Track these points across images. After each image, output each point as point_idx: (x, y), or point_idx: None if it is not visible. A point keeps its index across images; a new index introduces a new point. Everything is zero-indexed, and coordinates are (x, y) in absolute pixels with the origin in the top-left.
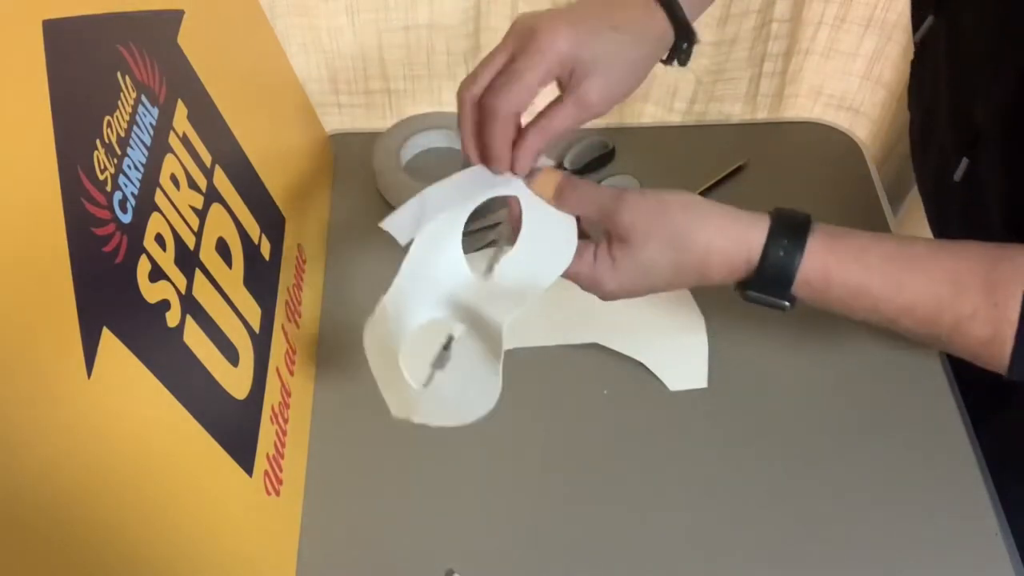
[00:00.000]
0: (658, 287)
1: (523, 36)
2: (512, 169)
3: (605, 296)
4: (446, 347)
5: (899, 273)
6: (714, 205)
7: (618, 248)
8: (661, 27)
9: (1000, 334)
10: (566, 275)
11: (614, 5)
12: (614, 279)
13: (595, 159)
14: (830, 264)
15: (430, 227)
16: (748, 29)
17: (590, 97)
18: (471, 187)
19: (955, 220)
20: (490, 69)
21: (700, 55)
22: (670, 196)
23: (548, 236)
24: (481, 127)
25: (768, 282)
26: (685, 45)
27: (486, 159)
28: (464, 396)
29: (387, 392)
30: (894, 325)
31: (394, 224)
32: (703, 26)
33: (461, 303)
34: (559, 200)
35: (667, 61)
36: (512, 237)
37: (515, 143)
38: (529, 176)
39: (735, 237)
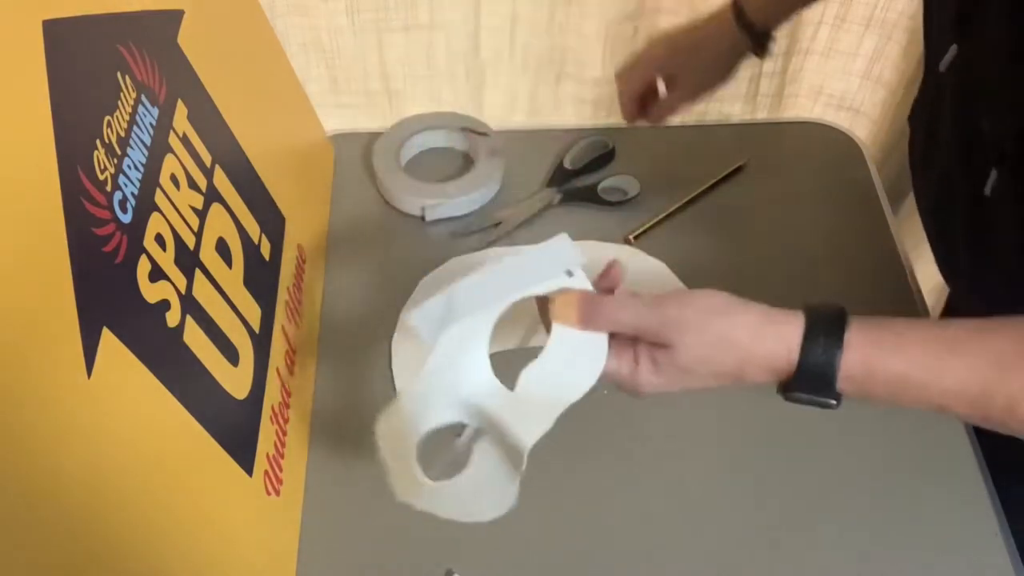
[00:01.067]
0: (694, 388)
1: (637, 53)
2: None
3: (641, 395)
4: (458, 435)
5: (941, 359)
6: (748, 306)
7: (661, 353)
8: (737, 47)
9: None
10: (605, 377)
11: (701, 29)
12: (655, 382)
13: (595, 159)
14: (871, 357)
15: (457, 328)
16: None
17: (679, 98)
18: (500, 286)
19: (961, 239)
20: (624, 64)
21: None
22: (708, 302)
23: (577, 344)
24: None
25: (811, 381)
26: (764, 46)
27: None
28: (476, 498)
29: (394, 475)
30: (946, 411)
31: (420, 320)
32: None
33: (485, 412)
34: (585, 325)
35: (755, 55)
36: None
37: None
38: (547, 305)
39: (772, 340)
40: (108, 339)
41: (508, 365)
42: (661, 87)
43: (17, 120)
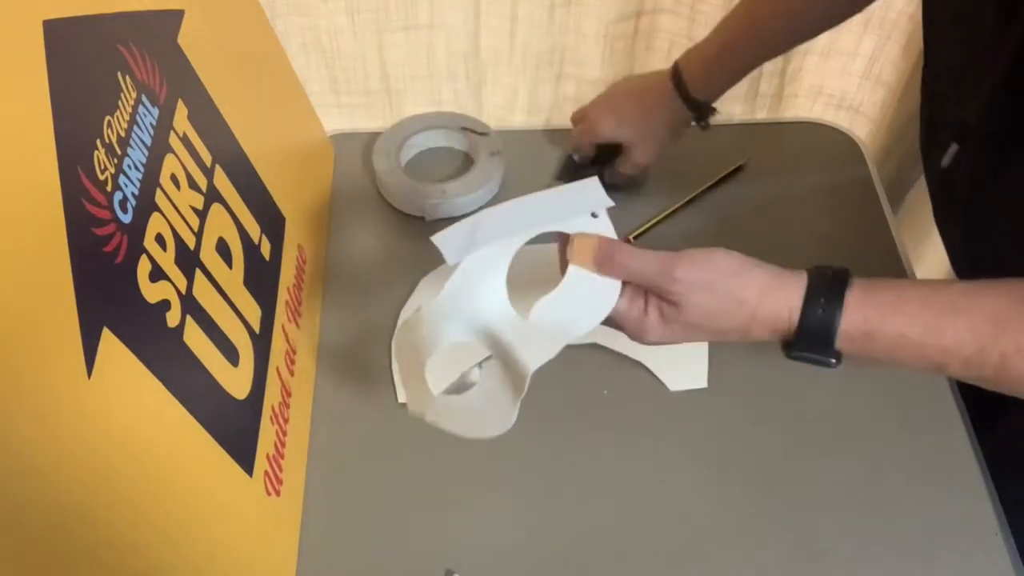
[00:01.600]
0: (698, 341)
1: (582, 113)
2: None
3: (646, 342)
4: (469, 372)
5: (939, 318)
6: (757, 266)
7: (669, 308)
8: (682, 113)
9: None
10: (614, 317)
11: (646, 93)
12: (660, 332)
13: (602, 151)
14: (870, 317)
15: (479, 254)
16: None
17: (637, 160)
18: (525, 218)
19: (960, 214)
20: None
21: None
22: (719, 263)
23: (590, 284)
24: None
25: (810, 340)
26: (705, 118)
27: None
28: (479, 414)
29: (407, 388)
30: (942, 370)
31: (445, 241)
32: (702, 25)
33: (495, 336)
34: (600, 270)
35: (697, 125)
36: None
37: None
38: (567, 244)
39: (776, 301)
40: (108, 339)
41: (524, 297)
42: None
43: (17, 120)
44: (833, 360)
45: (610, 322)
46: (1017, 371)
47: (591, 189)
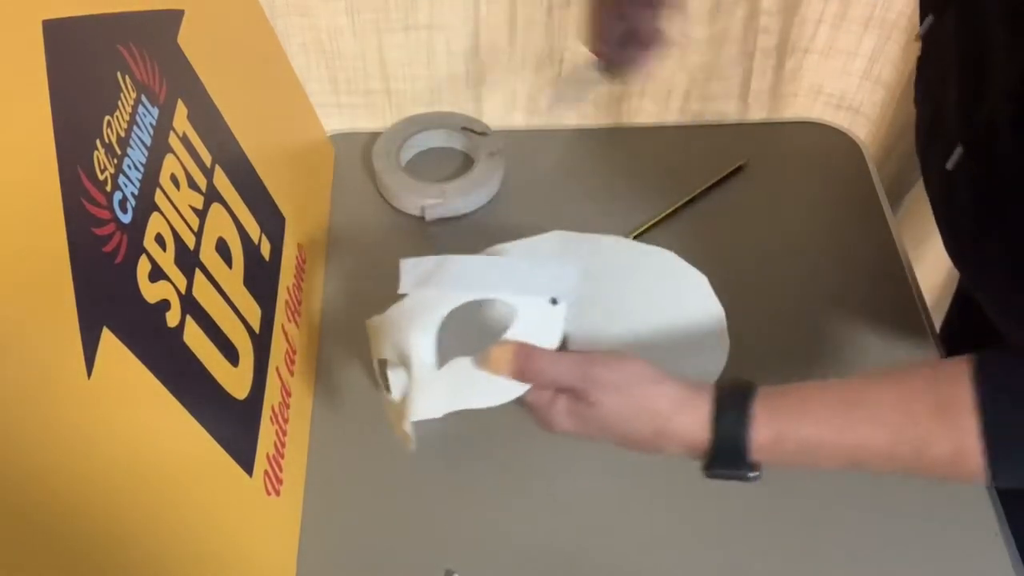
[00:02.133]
0: (603, 441)
1: None
2: None
3: (550, 431)
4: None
5: (845, 415)
6: (672, 382)
7: (582, 405)
8: None
9: (964, 447)
10: (525, 400)
11: None
12: (567, 425)
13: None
14: (779, 425)
15: (425, 294)
16: (738, 25)
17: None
18: (488, 278)
19: (964, 214)
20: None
21: (691, 52)
22: (637, 369)
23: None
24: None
25: (725, 457)
26: None
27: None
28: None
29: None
30: (860, 467)
31: (409, 267)
32: (692, 21)
33: (409, 368)
34: (519, 378)
35: None
36: None
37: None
38: (483, 355)
39: (688, 416)
40: (108, 339)
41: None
42: None
43: (17, 120)
44: (751, 474)
45: (520, 401)
46: (933, 457)
47: (567, 276)
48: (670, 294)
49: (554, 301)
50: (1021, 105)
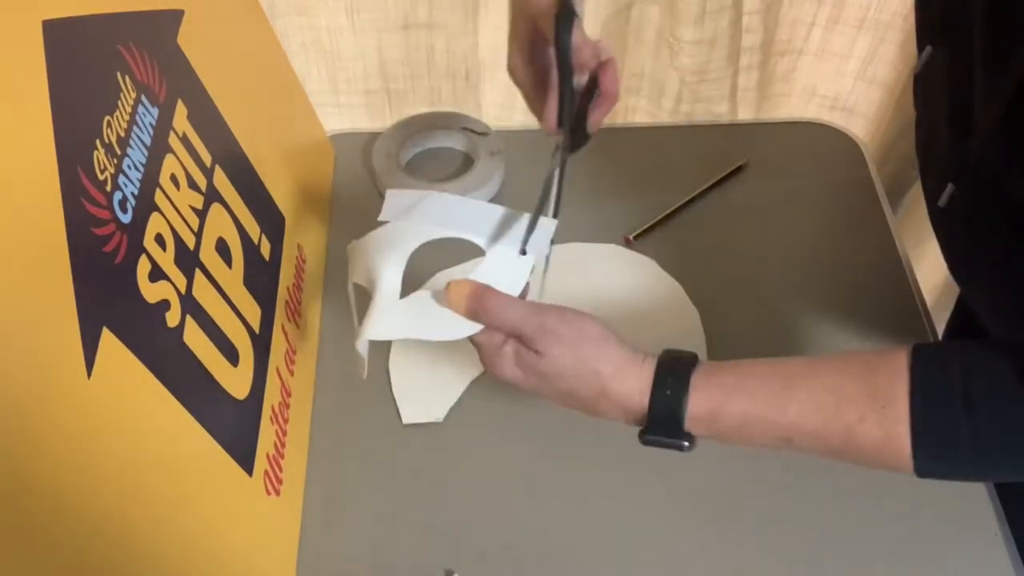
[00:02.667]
0: (544, 397)
1: None
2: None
3: (495, 376)
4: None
5: (781, 393)
6: (618, 346)
7: (527, 353)
8: None
9: (893, 434)
10: (473, 339)
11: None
12: (511, 372)
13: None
14: (714, 397)
15: (400, 225)
16: (724, 26)
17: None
18: (465, 220)
19: (960, 245)
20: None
21: (681, 54)
22: (588, 327)
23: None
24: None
25: (661, 424)
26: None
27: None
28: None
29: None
30: (790, 445)
31: (393, 197)
32: (682, 24)
33: (374, 292)
34: (472, 316)
35: None
36: None
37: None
38: (445, 290)
39: (629, 381)
40: (108, 339)
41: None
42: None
43: (17, 120)
44: (685, 443)
45: (471, 340)
46: (863, 441)
47: (544, 230)
48: (648, 297)
49: (523, 252)
50: (1007, 143)
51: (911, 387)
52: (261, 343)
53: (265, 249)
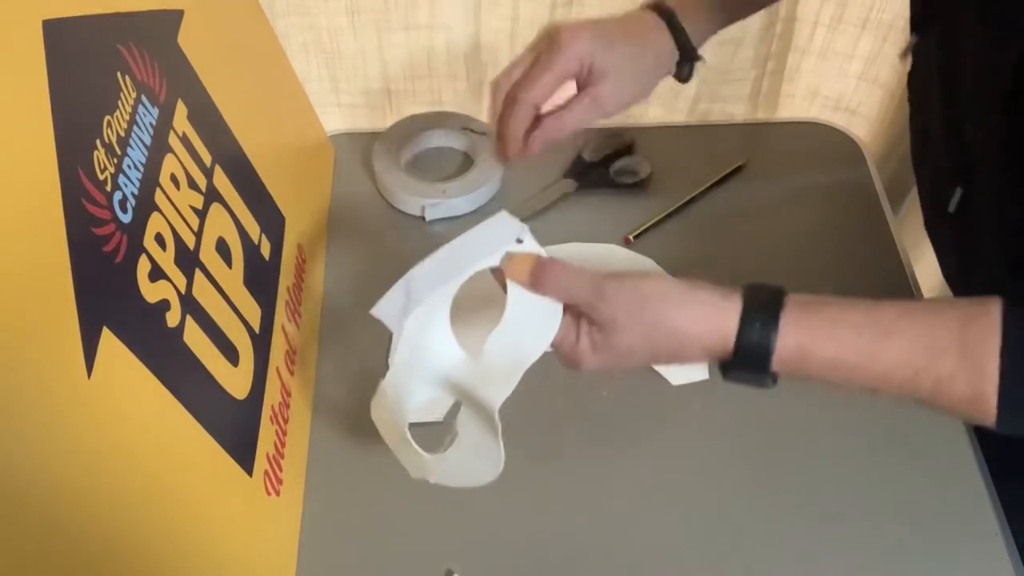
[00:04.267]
0: (633, 368)
1: (549, 37)
2: (528, 151)
3: (579, 371)
4: (453, 425)
5: (873, 343)
6: (689, 291)
7: (597, 333)
8: (668, 46)
9: (982, 392)
10: (553, 345)
11: (628, 21)
12: (592, 360)
13: (613, 152)
14: (803, 341)
15: (418, 312)
16: (755, 30)
17: (603, 96)
18: (454, 264)
19: (951, 248)
20: (520, 66)
21: (704, 53)
22: (647, 287)
23: (533, 310)
24: (503, 113)
25: (746, 363)
26: (688, 65)
27: (503, 143)
28: (473, 464)
29: (400, 455)
30: (875, 392)
31: (383, 311)
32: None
33: (456, 384)
34: (534, 287)
35: (676, 77)
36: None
37: (530, 129)
38: (506, 261)
39: (710, 325)
40: (108, 339)
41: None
42: (571, 86)
43: (17, 120)
44: (770, 381)
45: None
46: (951, 396)
47: (503, 221)
48: None
49: (519, 240)
50: (1007, 154)
51: (1003, 345)
52: (261, 343)
53: (265, 249)
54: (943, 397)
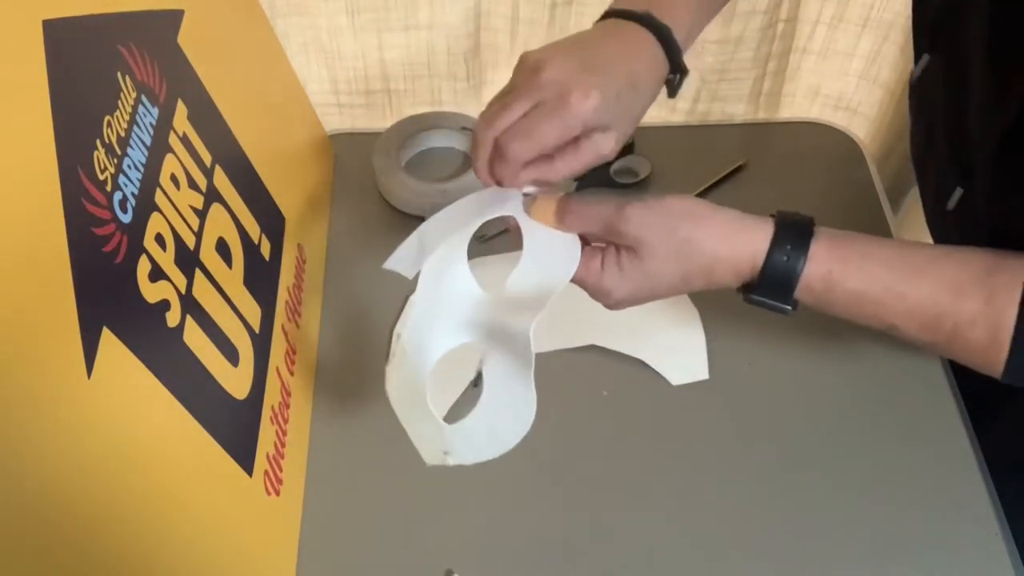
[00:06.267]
0: (664, 294)
1: (551, 89)
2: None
3: (612, 305)
4: (475, 383)
5: (901, 280)
6: (717, 211)
7: (626, 257)
8: (661, 71)
9: (998, 340)
10: (574, 281)
11: (628, 53)
12: (622, 287)
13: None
14: (833, 270)
15: (434, 257)
16: (754, 29)
17: (606, 149)
18: (467, 213)
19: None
20: (513, 112)
21: (704, 54)
22: (674, 205)
23: (550, 250)
24: (493, 164)
25: (771, 287)
26: (677, 78)
27: (485, 180)
28: (498, 423)
29: (418, 440)
30: (895, 331)
31: (397, 262)
32: (710, 24)
33: (481, 323)
34: (560, 224)
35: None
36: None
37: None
38: (528, 203)
39: (740, 244)
40: (108, 339)
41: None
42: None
43: (17, 120)
44: (789, 308)
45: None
46: (967, 341)
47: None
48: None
49: (526, 194)
50: (1006, 168)
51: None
52: (261, 343)
53: (265, 249)
54: (959, 340)
